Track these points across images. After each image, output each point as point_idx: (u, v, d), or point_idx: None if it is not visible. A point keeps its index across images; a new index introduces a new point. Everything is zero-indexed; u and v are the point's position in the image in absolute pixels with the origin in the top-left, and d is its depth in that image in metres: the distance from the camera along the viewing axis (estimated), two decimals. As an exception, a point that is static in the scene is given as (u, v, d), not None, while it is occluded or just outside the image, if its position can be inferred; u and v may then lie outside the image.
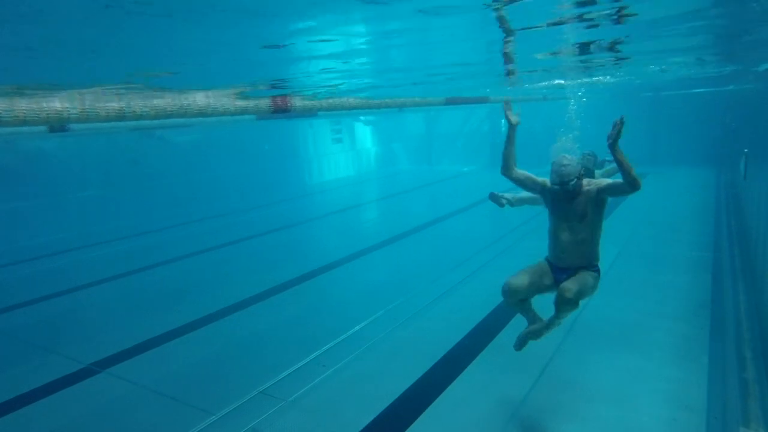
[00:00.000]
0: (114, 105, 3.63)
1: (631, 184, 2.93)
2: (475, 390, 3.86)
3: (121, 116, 3.68)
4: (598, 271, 3.28)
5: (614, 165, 5.46)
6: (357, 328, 5.18)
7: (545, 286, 3.29)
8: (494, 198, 4.66)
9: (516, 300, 3.27)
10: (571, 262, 3.22)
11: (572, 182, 3.09)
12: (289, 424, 3.60)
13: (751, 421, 3.24)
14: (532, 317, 3.39)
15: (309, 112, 6.09)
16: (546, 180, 3.26)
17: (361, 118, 19.13)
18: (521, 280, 3.23)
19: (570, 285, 3.08)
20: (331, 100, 6.12)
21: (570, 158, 3.15)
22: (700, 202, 10.50)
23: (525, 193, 5.04)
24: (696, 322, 4.80)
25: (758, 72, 9.01)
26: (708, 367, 3.98)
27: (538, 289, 3.29)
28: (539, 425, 3.41)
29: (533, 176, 3.34)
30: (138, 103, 3.65)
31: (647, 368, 4.00)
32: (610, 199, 3.23)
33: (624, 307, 5.16)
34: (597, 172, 5.58)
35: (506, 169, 3.32)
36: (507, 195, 4.75)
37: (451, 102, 9.18)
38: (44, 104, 3.37)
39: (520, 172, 3.32)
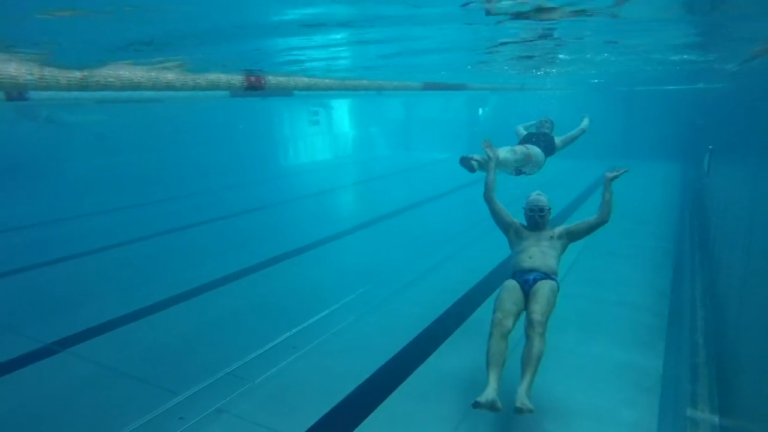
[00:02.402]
0: (76, 74, 3.44)
1: (604, 220, 3.54)
2: (443, 372, 3.93)
3: (84, 86, 3.49)
4: (557, 283, 3.49)
5: (573, 133, 5.65)
6: (329, 310, 5.18)
7: (520, 301, 3.34)
8: (464, 162, 4.28)
9: (506, 329, 3.16)
10: (538, 265, 3.45)
11: (546, 209, 3.66)
12: (254, 405, 3.59)
13: (699, 402, 3.43)
14: (496, 376, 3.05)
15: (284, 92, 5.94)
16: (515, 220, 3.78)
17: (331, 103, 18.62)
18: (504, 305, 3.25)
19: (535, 308, 3.22)
20: (307, 80, 5.98)
21: (543, 194, 3.76)
22: (666, 195, 10.87)
23: (501, 154, 4.52)
24: (655, 310, 5.00)
25: (728, 71, 9.28)
26: (664, 352, 4.17)
27: (519, 309, 3.31)
28: (503, 408, 3.50)
29: (507, 212, 3.83)
30: (102, 72, 3.47)
31: (608, 354, 4.16)
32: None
33: (588, 296, 5.33)
34: (557, 139, 5.59)
35: (488, 194, 3.82)
36: (477, 156, 4.26)
37: (429, 87, 9.13)
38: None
39: (499, 203, 3.82)
